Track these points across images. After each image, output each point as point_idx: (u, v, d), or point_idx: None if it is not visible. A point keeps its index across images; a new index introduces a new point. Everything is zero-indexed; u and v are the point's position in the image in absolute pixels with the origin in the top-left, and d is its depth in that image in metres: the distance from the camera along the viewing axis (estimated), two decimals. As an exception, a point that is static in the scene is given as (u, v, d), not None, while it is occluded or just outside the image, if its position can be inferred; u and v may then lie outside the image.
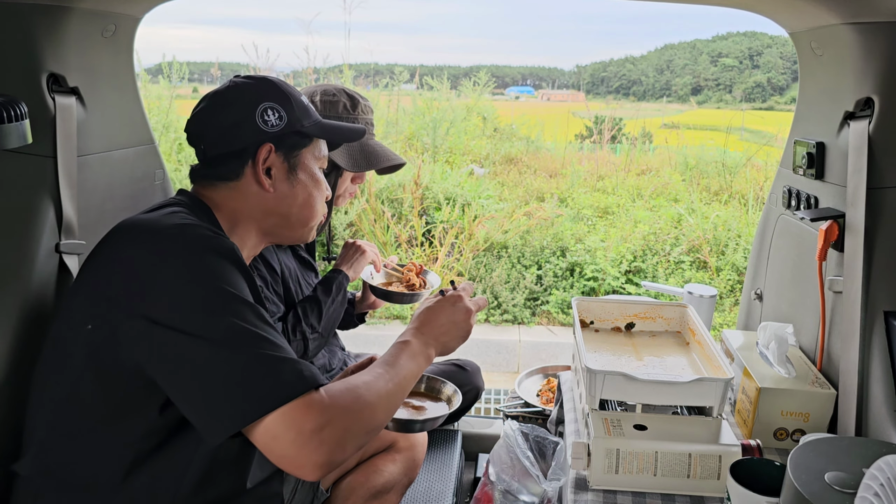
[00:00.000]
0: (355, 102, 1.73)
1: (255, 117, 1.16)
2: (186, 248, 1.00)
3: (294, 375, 0.95)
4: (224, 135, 1.17)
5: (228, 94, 1.20)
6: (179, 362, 0.95)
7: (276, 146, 1.18)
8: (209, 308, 0.96)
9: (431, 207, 5.20)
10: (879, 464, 0.82)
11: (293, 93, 1.23)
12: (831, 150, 1.59)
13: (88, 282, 1.06)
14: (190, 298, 0.97)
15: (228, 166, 1.18)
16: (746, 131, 9.56)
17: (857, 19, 1.42)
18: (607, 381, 1.33)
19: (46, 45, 1.41)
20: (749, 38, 34.32)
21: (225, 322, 0.95)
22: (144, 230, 1.05)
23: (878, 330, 1.41)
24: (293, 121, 1.20)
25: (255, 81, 1.21)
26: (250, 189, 1.19)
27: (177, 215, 1.08)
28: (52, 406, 1.05)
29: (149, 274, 0.98)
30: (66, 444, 1.04)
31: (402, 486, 1.66)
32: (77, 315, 1.03)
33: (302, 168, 1.23)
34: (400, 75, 7.56)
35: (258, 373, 0.93)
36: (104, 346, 0.99)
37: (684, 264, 4.83)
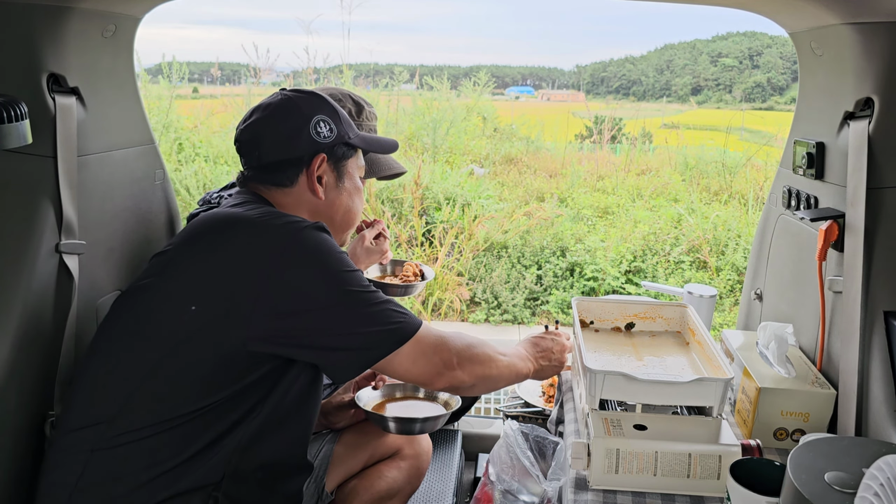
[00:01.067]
0: (360, 108, 1.74)
1: (309, 129, 1.28)
2: (295, 235, 1.12)
3: (410, 316, 1.20)
4: (281, 144, 1.27)
5: (283, 107, 1.29)
6: (317, 332, 1.12)
7: (327, 156, 1.30)
8: (333, 282, 1.12)
9: (431, 207, 5.20)
10: (879, 464, 0.82)
11: (339, 107, 1.35)
12: (831, 150, 1.59)
13: (189, 267, 1.16)
14: (314, 281, 1.11)
15: (285, 173, 1.28)
16: (746, 131, 9.56)
17: (857, 19, 1.42)
18: (607, 381, 1.33)
19: (46, 45, 1.41)
20: (749, 38, 34.33)
21: (348, 288, 1.13)
22: (248, 223, 1.16)
23: (878, 330, 1.41)
24: (342, 133, 1.32)
25: (308, 95, 1.32)
26: (303, 195, 1.30)
27: (264, 208, 1.21)
28: (127, 380, 1.11)
29: (268, 266, 1.10)
30: (135, 413, 1.09)
31: (406, 494, 1.66)
32: (175, 296, 1.13)
33: (348, 177, 1.36)
34: (400, 75, 7.57)
35: (387, 318, 1.15)
36: (206, 325, 1.10)
37: (684, 264, 4.83)
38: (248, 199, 1.27)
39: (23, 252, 1.33)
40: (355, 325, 1.13)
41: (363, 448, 1.61)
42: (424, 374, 1.21)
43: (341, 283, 1.13)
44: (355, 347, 1.14)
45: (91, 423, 1.11)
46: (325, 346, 1.13)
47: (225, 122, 6.83)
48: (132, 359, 1.13)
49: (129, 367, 1.12)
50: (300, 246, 1.12)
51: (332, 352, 1.14)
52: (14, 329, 1.25)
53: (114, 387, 1.12)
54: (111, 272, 1.59)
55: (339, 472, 1.59)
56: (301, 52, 13.23)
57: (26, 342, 1.27)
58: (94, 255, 1.51)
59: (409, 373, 1.20)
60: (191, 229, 1.22)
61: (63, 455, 1.13)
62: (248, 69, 7.30)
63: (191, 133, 6.05)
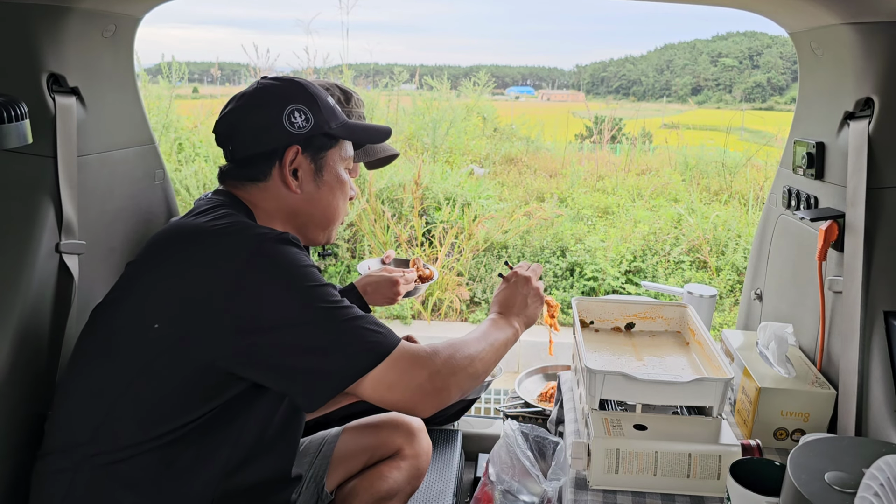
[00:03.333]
0: (349, 96, 1.74)
1: (282, 119, 1.19)
2: (258, 249, 1.06)
3: (387, 332, 1.09)
4: (252, 136, 1.20)
5: (256, 96, 1.22)
6: (283, 352, 1.04)
7: (302, 148, 1.21)
8: (299, 298, 1.04)
9: (431, 207, 5.20)
10: (879, 464, 0.82)
11: (320, 94, 1.25)
12: (831, 150, 1.59)
13: (153, 283, 1.09)
14: (279, 296, 1.04)
15: (257, 167, 1.21)
16: (746, 131, 9.57)
17: (857, 19, 1.42)
18: (607, 381, 1.33)
19: (46, 45, 1.41)
20: (749, 38, 34.33)
21: (316, 304, 1.05)
22: (211, 236, 1.10)
23: (877, 330, 1.41)
24: (320, 123, 1.22)
25: (283, 83, 1.24)
26: (278, 190, 1.22)
27: (231, 217, 1.13)
28: (103, 398, 1.07)
29: (231, 282, 1.03)
30: (116, 434, 1.06)
31: (406, 495, 1.66)
32: (139, 314, 1.07)
33: (328, 169, 1.26)
34: (400, 75, 7.56)
35: (360, 335, 1.06)
36: (173, 345, 1.04)
37: (684, 264, 4.83)
38: (218, 204, 1.19)
39: (23, 252, 1.33)
40: (324, 343, 1.04)
41: (363, 448, 1.61)
42: (405, 400, 1.09)
43: (308, 298, 1.05)
44: (325, 369, 1.04)
45: (72, 445, 1.08)
46: (291, 367, 1.05)
47: (225, 122, 6.80)
48: (105, 378, 1.09)
49: (102, 387, 1.08)
50: (264, 260, 1.05)
51: (299, 374, 1.05)
52: (14, 329, 1.25)
53: (91, 407, 1.08)
54: (111, 272, 1.59)
55: (338, 473, 1.59)
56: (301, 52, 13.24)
57: (26, 342, 1.27)
58: (94, 255, 1.51)
59: (388, 398, 1.08)
60: (156, 240, 1.17)
61: (46, 477, 1.10)
62: (248, 69, 7.30)
63: (191, 133, 6.05)
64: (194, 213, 1.19)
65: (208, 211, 1.17)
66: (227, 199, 1.21)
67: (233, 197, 1.22)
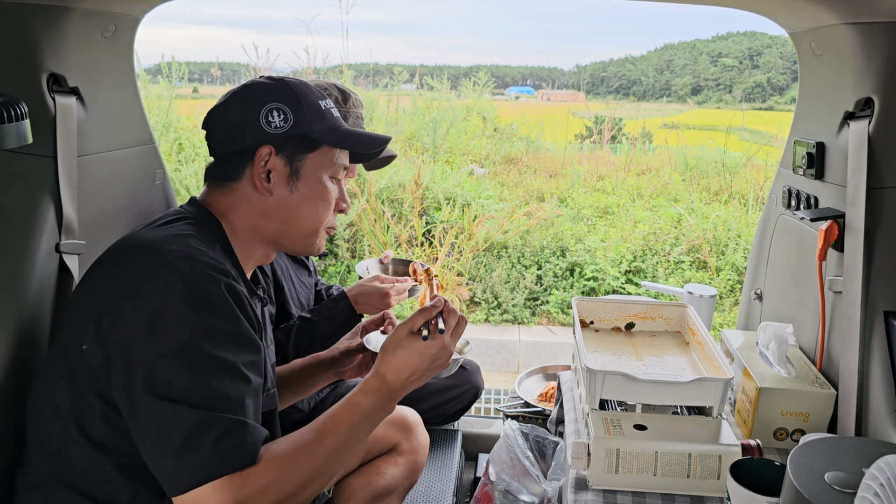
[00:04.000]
0: (346, 96, 1.73)
1: (259, 118, 1.13)
2: (177, 283, 0.97)
3: (235, 447, 0.94)
4: (230, 134, 1.15)
5: (240, 94, 1.17)
6: (137, 402, 0.94)
7: (276, 149, 1.13)
8: (181, 358, 0.94)
9: (431, 207, 5.20)
10: (879, 464, 0.82)
11: (308, 95, 1.17)
12: (831, 150, 1.59)
13: (85, 296, 1.05)
14: (166, 342, 0.95)
15: (231, 166, 1.15)
16: (746, 131, 9.57)
17: (857, 19, 1.42)
18: (607, 381, 1.33)
19: (46, 45, 1.41)
20: (749, 38, 34.33)
21: (188, 377, 0.94)
22: (144, 252, 1.03)
23: (878, 330, 1.41)
24: (300, 124, 1.14)
25: (272, 82, 1.18)
26: (249, 191, 1.15)
27: (181, 239, 1.05)
28: (60, 419, 1.04)
29: (131, 305, 0.97)
30: (76, 454, 1.03)
31: (404, 490, 1.66)
32: (75, 331, 1.03)
33: (305, 174, 1.16)
34: (399, 75, 7.56)
35: (203, 440, 0.92)
36: (98, 366, 0.99)
37: (684, 264, 4.83)
38: (179, 218, 1.12)
39: (23, 252, 1.33)
40: (165, 413, 0.93)
41: None
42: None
43: (192, 344, 0.95)
44: (152, 452, 0.95)
45: (44, 461, 1.05)
46: (137, 423, 0.96)
47: (225, 122, 6.80)
48: (56, 396, 1.04)
49: (57, 405, 1.03)
50: (175, 298, 0.96)
51: (141, 438, 0.96)
52: (14, 329, 1.25)
53: (52, 424, 1.04)
54: (111, 272, 1.59)
55: None
56: (301, 52, 13.23)
57: (26, 342, 1.27)
58: (94, 255, 1.51)
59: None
60: (107, 251, 1.09)
61: (25, 493, 1.07)
62: (248, 69, 7.30)
63: (191, 133, 6.05)
64: (153, 224, 1.13)
65: (165, 223, 1.11)
66: (194, 211, 1.15)
67: (201, 209, 1.16)
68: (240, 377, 0.98)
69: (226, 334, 0.98)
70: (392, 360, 1.10)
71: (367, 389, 1.09)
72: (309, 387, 1.49)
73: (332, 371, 1.48)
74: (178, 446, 0.92)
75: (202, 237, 1.08)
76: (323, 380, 1.49)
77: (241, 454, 0.94)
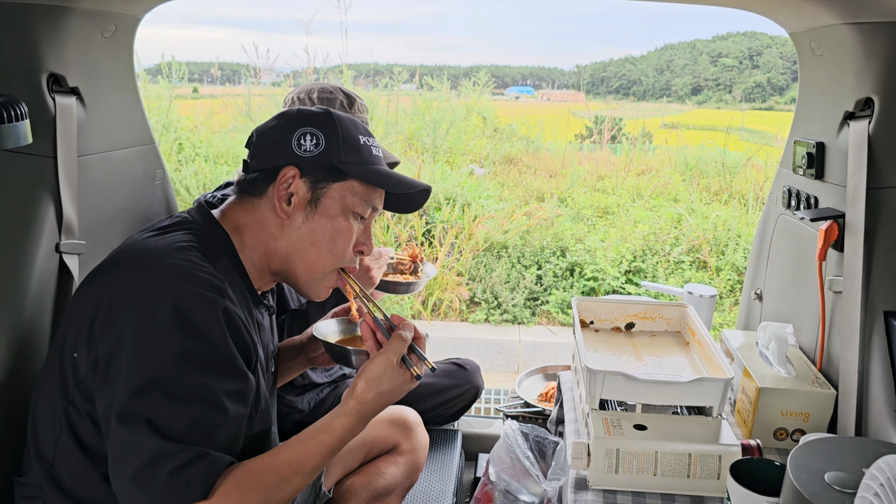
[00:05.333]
0: (352, 101, 1.73)
1: (292, 139, 1.12)
2: (169, 301, 0.96)
3: (191, 479, 0.92)
4: (263, 152, 1.14)
5: (285, 115, 1.16)
6: (109, 420, 0.94)
7: (301, 172, 1.11)
8: (158, 382, 0.93)
9: (431, 207, 5.20)
10: (879, 464, 0.82)
11: (348, 128, 1.15)
12: (831, 150, 1.59)
13: (80, 304, 1.03)
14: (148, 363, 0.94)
15: (256, 183, 1.13)
16: (746, 131, 9.56)
17: (857, 19, 1.42)
18: (607, 381, 1.33)
19: (46, 45, 1.41)
20: (749, 38, 34.31)
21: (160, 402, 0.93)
22: (142, 263, 1.02)
23: (878, 330, 1.41)
24: (330, 152, 1.11)
25: (317, 110, 1.17)
26: (267, 212, 1.13)
27: (182, 252, 1.03)
28: (54, 427, 1.03)
29: (121, 320, 0.96)
30: (69, 463, 1.03)
31: (404, 489, 1.66)
32: (69, 338, 1.02)
33: (325, 204, 1.13)
34: (399, 75, 7.56)
35: (159, 471, 0.91)
36: (87, 376, 0.99)
37: (684, 264, 4.83)
38: (187, 224, 1.11)
39: (23, 252, 1.33)
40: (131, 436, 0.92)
41: (360, 445, 1.61)
42: None
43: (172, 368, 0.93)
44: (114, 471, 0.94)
45: (39, 469, 1.04)
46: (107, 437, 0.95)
47: (225, 122, 6.82)
48: (49, 403, 1.04)
49: (51, 415, 1.03)
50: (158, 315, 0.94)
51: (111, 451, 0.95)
52: (14, 329, 1.25)
53: (47, 431, 1.04)
54: (111, 272, 1.59)
55: (336, 470, 1.59)
56: (301, 52, 13.21)
57: (26, 342, 1.27)
58: (94, 255, 1.51)
59: None
60: (109, 257, 1.09)
61: (21, 501, 1.07)
62: (248, 69, 7.30)
63: (191, 133, 6.05)
64: (156, 229, 1.12)
65: (168, 230, 1.10)
66: (201, 220, 1.13)
67: (210, 219, 1.14)
68: (215, 406, 0.96)
69: (209, 362, 0.96)
70: (377, 399, 1.09)
71: (339, 427, 1.07)
72: (283, 373, 1.44)
73: (303, 357, 1.43)
74: (135, 473, 0.91)
75: (204, 249, 1.06)
76: (296, 365, 1.44)
77: (194, 487, 0.92)
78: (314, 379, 1.85)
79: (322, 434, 1.06)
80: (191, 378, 0.95)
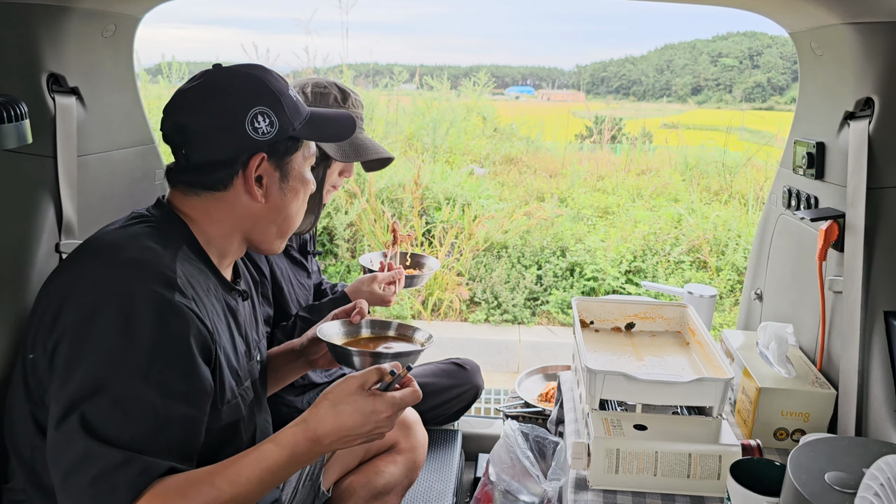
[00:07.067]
0: (346, 95, 1.73)
1: (244, 124, 1.07)
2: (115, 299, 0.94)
3: (116, 485, 0.90)
4: (210, 140, 1.07)
5: (213, 93, 1.09)
6: (51, 419, 0.92)
7: (268, 155, 1.10)
8: (97, 384, 0.92)
9: (431, 207, 5.20)
10: (879, 464, 0.82)
11: (283, 91, 1.13)
12: (831, 150, 1.59)
13: (41, 303, 1.02)
14: (88, 363, 0.92)
15: (216, 176, 1.09)
16: (746, 131, 9.55)
17: (857, 19, 1.42)
18: (607, 381, 1.33)
19: (46, 45, 1.41)
20: (749, 38, 34.30)
21: (95, 403, 0.91)
22: (97, 256, 1.02)
23: (878, 330, 1.41)
24: (285, 126, 1.10)
25: (242, 80, 1.11)
26: (238, 200, 1.11)
27: (137, 242, 1.02)
28: (27, 428, 1.02)
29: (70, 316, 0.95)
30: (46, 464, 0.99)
31: (403, 488, 1.66)
32: (29, 338, 1.01)
33: (293, 174, 1.15)
34: (399, 75, 7.55)
35: (83, 475, 0.89)
36: (43, 375, 0.97)
37: (684, 264, 4.83)
38: (146, 219, 1.10)
39: (23, 252, 1.33)
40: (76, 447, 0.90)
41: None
42: None
43: (112, 369, 0.92)
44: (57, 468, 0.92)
45: (22, 472, 1.03)
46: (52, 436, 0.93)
47: (225, 122, 6.80)
48: (19, 407, 1.03)
49: (22, 417, 1.02)
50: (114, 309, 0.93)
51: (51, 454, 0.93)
52: (14, 329, 1.25)
53: (24, 433, 1.02)
54: (111, 272, 1.59)
55: (335, 469, 1.59)
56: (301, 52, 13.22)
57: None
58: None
59: None
60: (69, 255, 1.07)
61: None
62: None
63: (191, 133, 6.04)
64: (118, 225, 1.10)
65: (129, 224, 1.08)
66: (159, 214, 1.11)
67: (168, 212, 1.11)
68: (153, 409, 0.93)
69: (148, 363, 0.94)
70: (330, 416, 1.01)
71: (285, 442, 1.00)
72: (282, 376, 1.43)
73: (303, 359, 1.42)
74: (63, 474, 0.90)
75: (163, 240, 1.05)
76: (295, 369, 1.43)
77: (119, 492, 0.89)
78: (314, 379, 1.85)
79: (267, 443, 1.00)
80: (128, 381, 0.92)
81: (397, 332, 1.48)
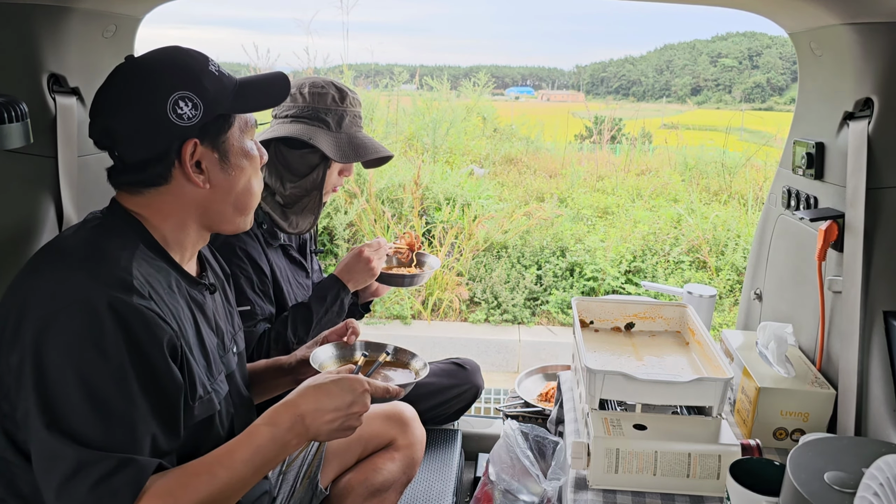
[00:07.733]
0: (343, 94, 1.73)
1: (167, 113, 1.03)
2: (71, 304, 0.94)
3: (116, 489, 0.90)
4: (137, 138, 1.05)
5: (127, 87, 1.06)
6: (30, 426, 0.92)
7: (200, 139, 1.06)
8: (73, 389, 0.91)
9: (431, 207, 5.20)
10: (879, 464, 0.82)
11: (202, 69, 1.08)
12: (831, 150, 1.59)
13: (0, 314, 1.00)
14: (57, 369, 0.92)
15: (153, 172, 1.06)
16: (746, 131, 9.56)
17: (857, 19, 1.42)
18: (607, 381, 1.33)
19: (47, 45, 1.41)
20: (749, 39, 34.33)
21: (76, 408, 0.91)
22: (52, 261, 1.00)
23: (877, 330, 1.41)
24: (211, 105, 1.06)
25: (157, 68, 1.07)
26: (183, 190, 1.08)
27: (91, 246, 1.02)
28: None
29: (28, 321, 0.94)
30: (18, 470, 1.00)
31: (401, 485, 1.66)
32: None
33: (233, 151, 1.11)
34: (400, 75, 7.56)
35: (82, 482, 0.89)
36: (11, 387, 0.96)
37: (684, 264, 4.83)
38: (101, 220, 1.08)
39: (23, 252, 1.33)
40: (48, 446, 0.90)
41: (356, 441, 1.60)
42: None
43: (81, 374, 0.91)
44: None
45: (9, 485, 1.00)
46: None
47: (225, 122, 6.80)
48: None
49: None
50: (59, 330, 0.92)
51: None
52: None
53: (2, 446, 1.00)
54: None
55: (332, 467, 1.59)
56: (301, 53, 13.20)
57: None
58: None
59: None
60: (26, 263, 1.04)
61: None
62: (248, 69, 7.30)
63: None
64: (74, 229, 1.08)
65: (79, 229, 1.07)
66: (113, 217, 1.09)
67: (123, 214, 1.09)
68: (128, 412, 0.93)
69: (121, 367, 0.93)
70: (311, 391, 1.08)
71: (269, 419, 1.04)
72: (268, 389, 1.45)
73: (290, 377, 1.44)
74: (59, 485, 0.90)
75: (118, 242, 1.04)
76: (281, 384, 1.45)
77: (121, 495, 0.90)
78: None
79: (256, 423, 1.04)
80: (100, 387, 0.92)
81: (395, 356, 1.50)
